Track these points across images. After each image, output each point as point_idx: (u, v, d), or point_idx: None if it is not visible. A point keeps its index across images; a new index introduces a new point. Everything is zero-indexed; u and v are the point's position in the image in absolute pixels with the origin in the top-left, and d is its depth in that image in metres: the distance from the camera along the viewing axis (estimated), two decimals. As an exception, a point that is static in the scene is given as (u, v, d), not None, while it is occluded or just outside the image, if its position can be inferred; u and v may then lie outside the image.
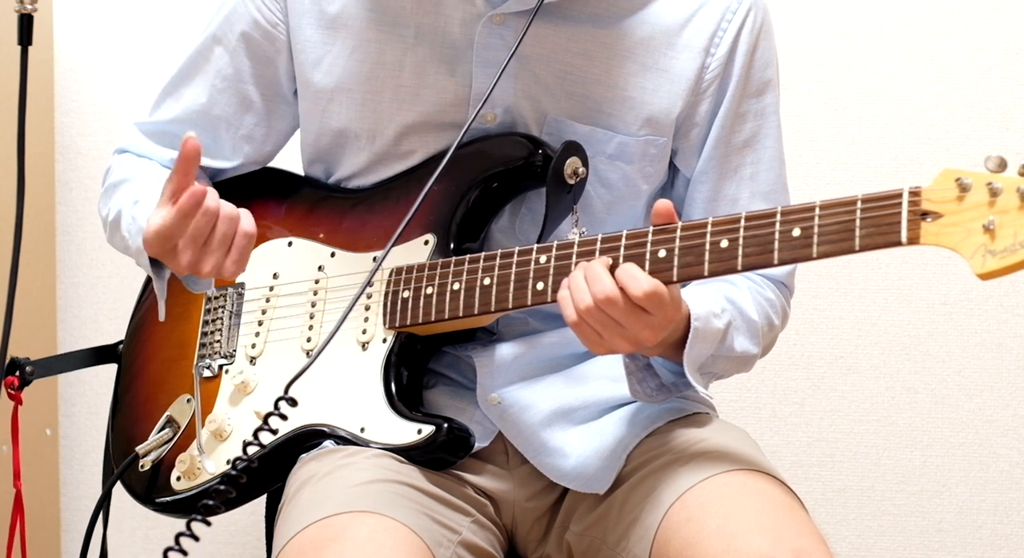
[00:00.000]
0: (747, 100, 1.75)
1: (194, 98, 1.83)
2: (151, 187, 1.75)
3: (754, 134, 1.76)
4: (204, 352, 1.84)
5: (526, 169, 1.69)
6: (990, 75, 2.54)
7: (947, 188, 1.36)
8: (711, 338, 1.64)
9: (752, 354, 1.73)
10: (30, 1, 2.03)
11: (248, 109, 1.82)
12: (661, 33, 1.72)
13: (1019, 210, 1.32)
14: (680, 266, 1.51)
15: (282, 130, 1.86)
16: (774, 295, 1.77)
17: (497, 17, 1.70)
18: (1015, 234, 1.32)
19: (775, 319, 1.77)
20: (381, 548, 1.51)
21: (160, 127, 1.86)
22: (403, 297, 1.69)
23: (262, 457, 1.71)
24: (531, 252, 1.61)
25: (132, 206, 1.77)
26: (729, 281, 1.75)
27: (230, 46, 1.80)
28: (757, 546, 1.50)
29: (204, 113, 1.83)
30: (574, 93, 1.72)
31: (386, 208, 1.76)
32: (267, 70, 1.80)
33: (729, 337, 1.68)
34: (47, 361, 2.00)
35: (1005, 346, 2.57)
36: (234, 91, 1.81)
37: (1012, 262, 1.32)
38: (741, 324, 1.70)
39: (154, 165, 1.86)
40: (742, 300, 1.72)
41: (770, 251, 1.46)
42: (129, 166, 1.86)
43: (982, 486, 2.59)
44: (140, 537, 2.66)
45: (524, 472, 1.74)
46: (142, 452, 1.83)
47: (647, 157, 1.74)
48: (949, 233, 1.36)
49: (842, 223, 1.42)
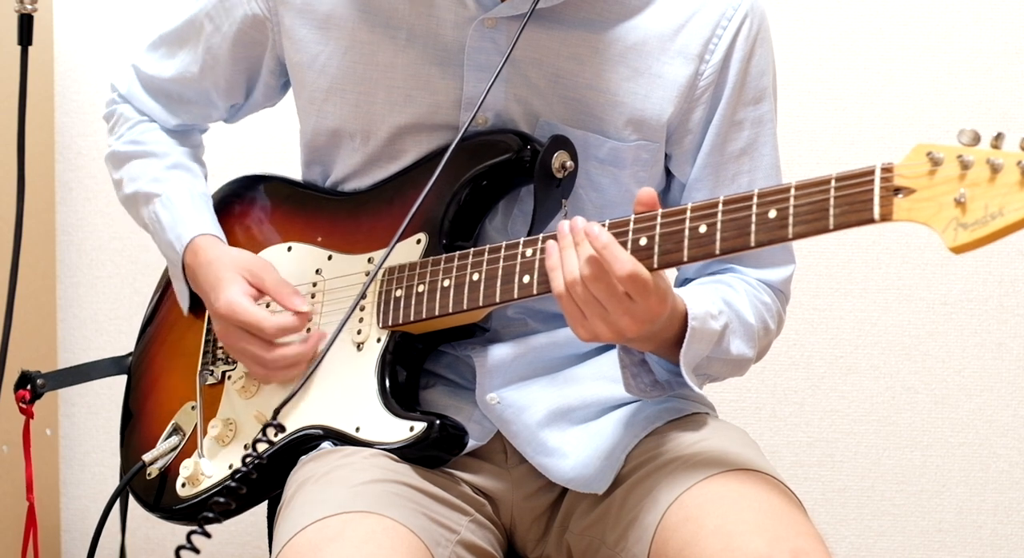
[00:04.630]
0: (743, 108, 1.74)
1: (187, 65, 1.88)
2: (169, 181, 1.87)
3: (751, 142, 1.75)
4: (207, 359, 1.85)
5: (515, 164, 1.69)
6: (990, 75, 2.54)
7: (919, 163, 1.35)
8: (708, 339, 1.64)
9: (747, 357, 1.73)
10: (30, 1, 2.03)
11: (237, 84, 1.88)
12: (654, 38, 1.72)
13: (989, 182, 1.31)
14: (660, 253, 1.51)
15: (257, 104, 1.93)
16: (770, 300, 1.77)
17: (489, 21, 1.70)
18: (986, 206, 1.30)
19: (771, 324, 1.77)
20: (379, 548, 1.51)
21: (158, 83, 1.92)
22: (396, 296, 1.70)
23: (262, 465, 1.72)
24: (517, 247, 1.62)
25: (152, 199, 1.86)
26: (726, 283, 1.75)
27: (221, 28, 1.83)
28: (755, 546, 1.50)
29: (197, 81, 1.89)
30: (566, 97, 1.72)
31: (380, 210, 1.76)
32: (252, 53, 1.84)
33: (726, 339, 1.68)
34: (58, 374, 2.01)
35: (1005, 346, 2.57)
36: (223, 70, 1.86)
37: (983, 234, 1.30)
38: (738, 327, 1.70)
39: (160, 138, 1.92)
40: (739, 303, 1.72)
41: (747, 234, 1.46)
42: (138, 132, 1.93)
43: (982, 486, 2.60)
44: (141, 537, 2.66)
45: (522, 472, 1.74)
46: (149, 460, 1.84)
47: (639, 162, 1.74)
48: (921, 208, 1.34)
49: (816, 202, 1.42)
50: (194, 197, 1.86)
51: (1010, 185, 1.29)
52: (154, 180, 1.87)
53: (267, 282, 1.76)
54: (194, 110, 1.92)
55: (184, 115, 1.93)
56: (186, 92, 1.90)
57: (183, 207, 1.84)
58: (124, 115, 1.94)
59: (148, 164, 1.89)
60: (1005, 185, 1.30)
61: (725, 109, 1.73)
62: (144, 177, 1.88)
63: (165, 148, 1.91)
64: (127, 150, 1.91)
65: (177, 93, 1.91)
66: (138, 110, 1.94)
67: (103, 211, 2.67)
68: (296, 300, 1.74)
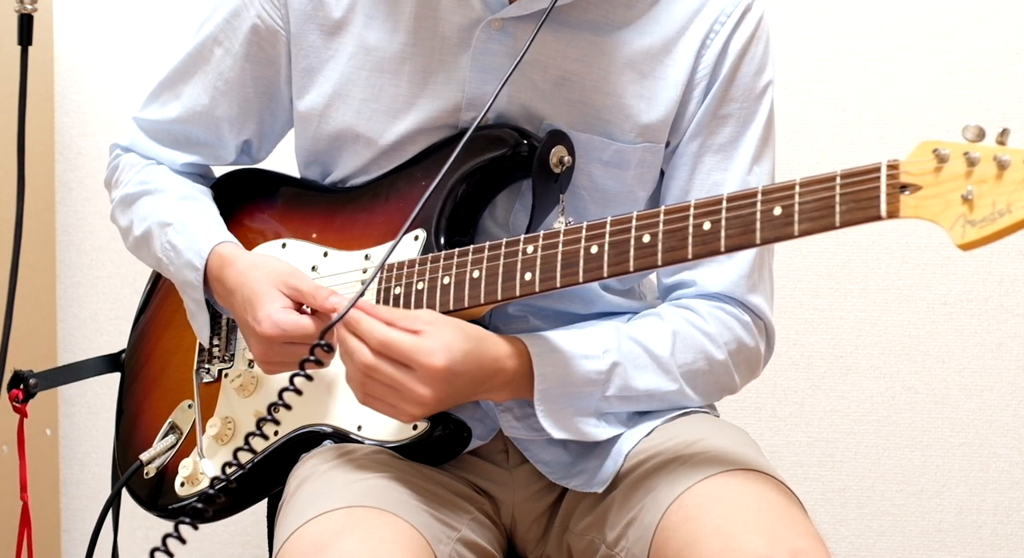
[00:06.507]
0: (730, 103, 1.73)
1: (196, 98, 1.83)
2: (181, 210, 1.79)
3: (731, 140, 1.74)
4: (203, 357, 1.84)
5: (512, 160, 1.69)
6: (990, 75, 2.54)
7: (925, 160, 1.35)
8: (577, 385, 1.63)
9: (671, 390, 1.69)
10: (30, 1, 2.03)
11: (250, 111, 1.83)
12: (659, 42, 1.71)
13: (996, 179, 1.31)
14: (664, 250, 1.51)
15: (278, 131, 1.87)
16: (717, 329, 1.71)
17: (496, 22, 1.70)
18: (994, 203, 1.30)
19: (715, 353, 1.70)
20: (382, 543, 1.51)
21: (163, 126, 1.87)
22: (395, 293, 1.69)
23: (263, 460, 1.71)
24: (518, 243, 1.61)
25: (164, 229, 1.78)
26: (656, 314, 1.72)
27: (232, 49, 1.80)
28: (755, 546, 1.49)
29: (207, 114, 1.83)
30: (571, 100, 1.71)
31: (376, 206, 1.76)
32: (268, 72, 1.80)
33: (619, 378, 1.65)
34: (51, 373, 2.00)
35: (1005, 346, 2.57)
36: (236, 93, 1.82)
37: (991, 231, 1.31)
38: (646, 361, 1.67)
39: (168, 176, 1.86)
40: (652, 335, 1.68)
41: (752, 231, 1.46)
42: (145, 174, 1.86)
43: (982, 486, 2.60)
44: (140, 537, 2.66)
45: (524, 472, 1.74)
46: (146, 459, 1.84)
47: (644, 164, 1.74)
48: (928, 205, 1.34)
49: (822, 200, 1.41)
50: (208, 219, 1.80)
51: (1017, 182, 1.30)
52: (165, 211, 1.80)
53: (304, 290, 1.67)
54: (203, 150, 1.87)
55: (192, 155, 1.87)
56: (194, 131, 1.85)
57: (198, 226, 1.77)
58: (129, 163, 1.88)
59: (157, 200, 1.82)
60: (1012, 182, 1.30)
61: (712, 101, 1.72)
62: (154, 213, 1.80)
63: (175, 183, 1.84)
64: (134, 191, 1.84)
65: (183, 133, 1.85)
66: (143, 156, 1.88)
67: (103, 211, 2.67)
68: (334, 299, 1.65)
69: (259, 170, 1.90)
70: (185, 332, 1.86)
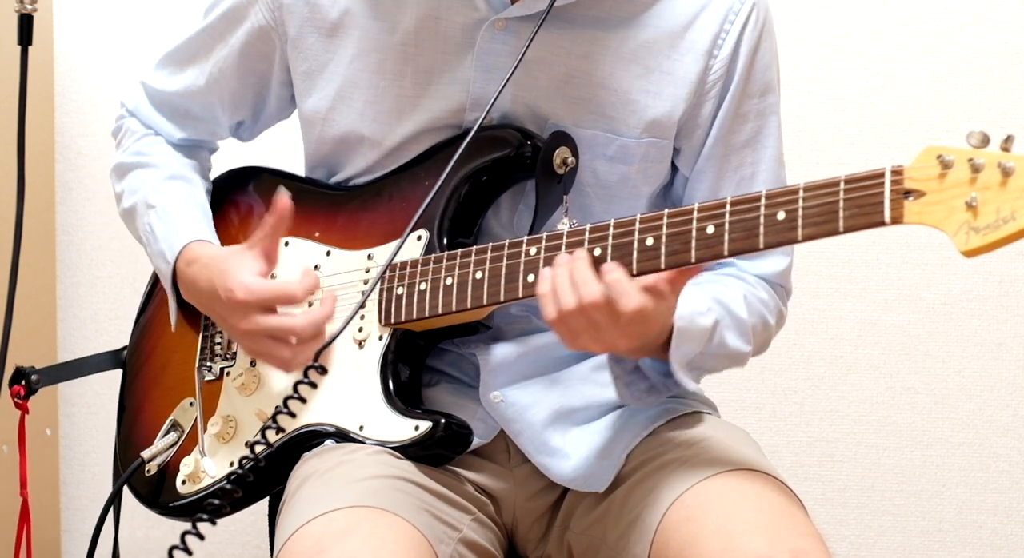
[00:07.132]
0: (748, 100, 1.74)
1: (194, 79, 1.87)
2: (167, 193, 1.83)
3: (755, 134, 1.76)
4: (205, 355, 1.84)
5: (515, 160, 1.69)
6: (990, 75, 2.54)
7: (929, 166, 1.35)
8: (697, 336, 1.64)
9: (744, 352, 1.73)
10: (30, 1, 2.03)
11: (243, 97, 1.87)
12: (664, 36, 1.72)
13: (1001, 186, 1.31)
14: (667, 254, 1.51)
15: (273, 114, 1.91)
16: (768, 296, 1.77)
17: (499, 22, 1.70)
18: (998, 210, 1.31)
19: (769, 319, 1.76)
20: (384, 542, 1.52)
21: (165, 97, 1.91)
22: (397, 294, 1.69)
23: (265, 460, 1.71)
24: (521, 244, 1.61)
25: (148, 210, 1.82)
26: (717, 281, 1.75)
27: (229, 42, 1.82)
28: (755, 546, 1.50)
29: (204, 94, 1.88)
30: (576, 97, 1.71)
31: (379, 205, 1.76)
32: (261, 66, 1.83)
33: (718, 334, 1.67)
34: (52, 369, 2.01)
35: (1005, 346, 2.57)
36: (229, 82, 1.85)
37: (995, 238, 1.31)
38: (730, 322, 1.70)
39: (164, 151, 1.89)
40: (730, 299, 1.71)
41: (756, 235, 1.46)
42: (142, 144, 1.91)
43: (982, 486, 2.59)
44: (141, 536, 2.66)
45: (525, 471, 1.74)
46: (147, 457, 1.84)
47: (648, 158, 1.74)
48: (932, 211, 1.35)
49: (826, 205, 1.41)
50: (189, 206, 1.83)
51: (1021, 189, 1.30)
52: (152, 191, 1.84)
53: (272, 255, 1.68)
54: (199, 125, 1.91)
55: (189, 129, 1.91)
56: (192, 106, 1.89)
57: (178, 216, 1.81)
58: (131, 128, 1.93)
59: (148, 175, 1.87)
60: (1017, 189, 1.30)
61: (731, 102, 1.73)
62: (142, 189, 1.86)
63: (167, 159, 1.89)
64: (130, 161, 1.89)
65: (183, 107, 1.90)
66: (144, 124, 1.93)
67: (103, 211, 2.67)
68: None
69: (262, 168, 1.92)
70: (185, 329, 1.87)
